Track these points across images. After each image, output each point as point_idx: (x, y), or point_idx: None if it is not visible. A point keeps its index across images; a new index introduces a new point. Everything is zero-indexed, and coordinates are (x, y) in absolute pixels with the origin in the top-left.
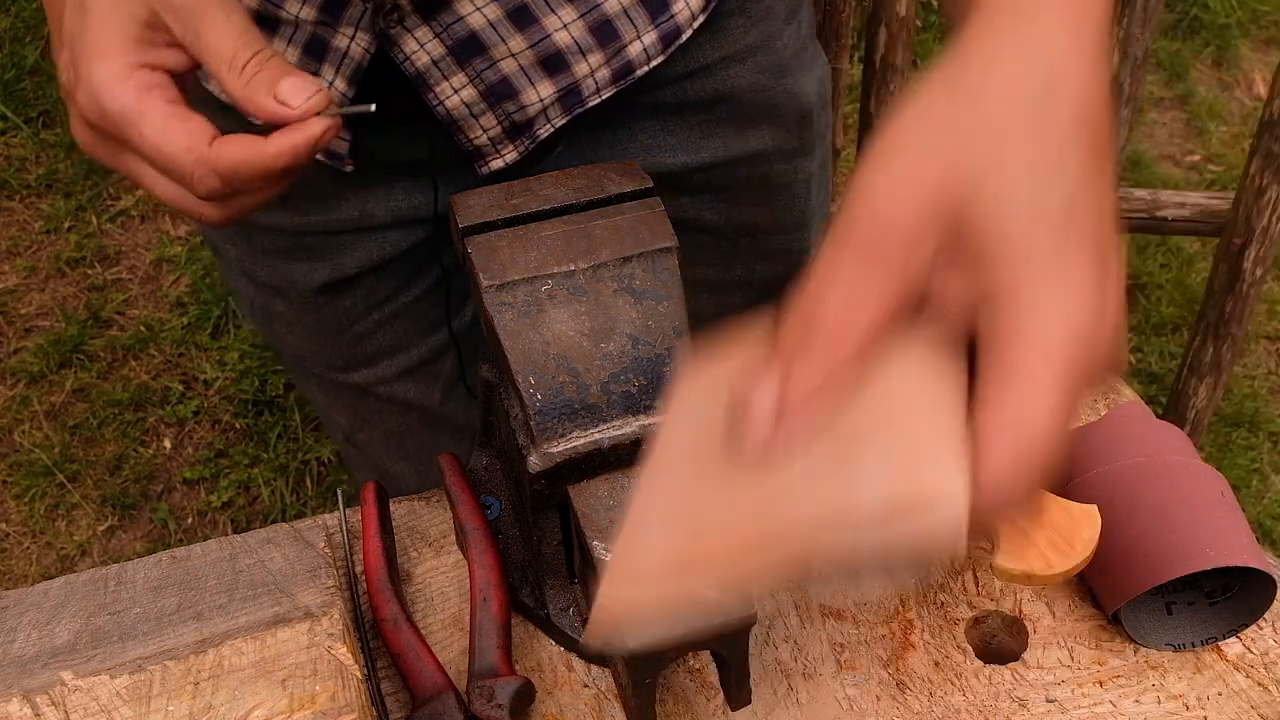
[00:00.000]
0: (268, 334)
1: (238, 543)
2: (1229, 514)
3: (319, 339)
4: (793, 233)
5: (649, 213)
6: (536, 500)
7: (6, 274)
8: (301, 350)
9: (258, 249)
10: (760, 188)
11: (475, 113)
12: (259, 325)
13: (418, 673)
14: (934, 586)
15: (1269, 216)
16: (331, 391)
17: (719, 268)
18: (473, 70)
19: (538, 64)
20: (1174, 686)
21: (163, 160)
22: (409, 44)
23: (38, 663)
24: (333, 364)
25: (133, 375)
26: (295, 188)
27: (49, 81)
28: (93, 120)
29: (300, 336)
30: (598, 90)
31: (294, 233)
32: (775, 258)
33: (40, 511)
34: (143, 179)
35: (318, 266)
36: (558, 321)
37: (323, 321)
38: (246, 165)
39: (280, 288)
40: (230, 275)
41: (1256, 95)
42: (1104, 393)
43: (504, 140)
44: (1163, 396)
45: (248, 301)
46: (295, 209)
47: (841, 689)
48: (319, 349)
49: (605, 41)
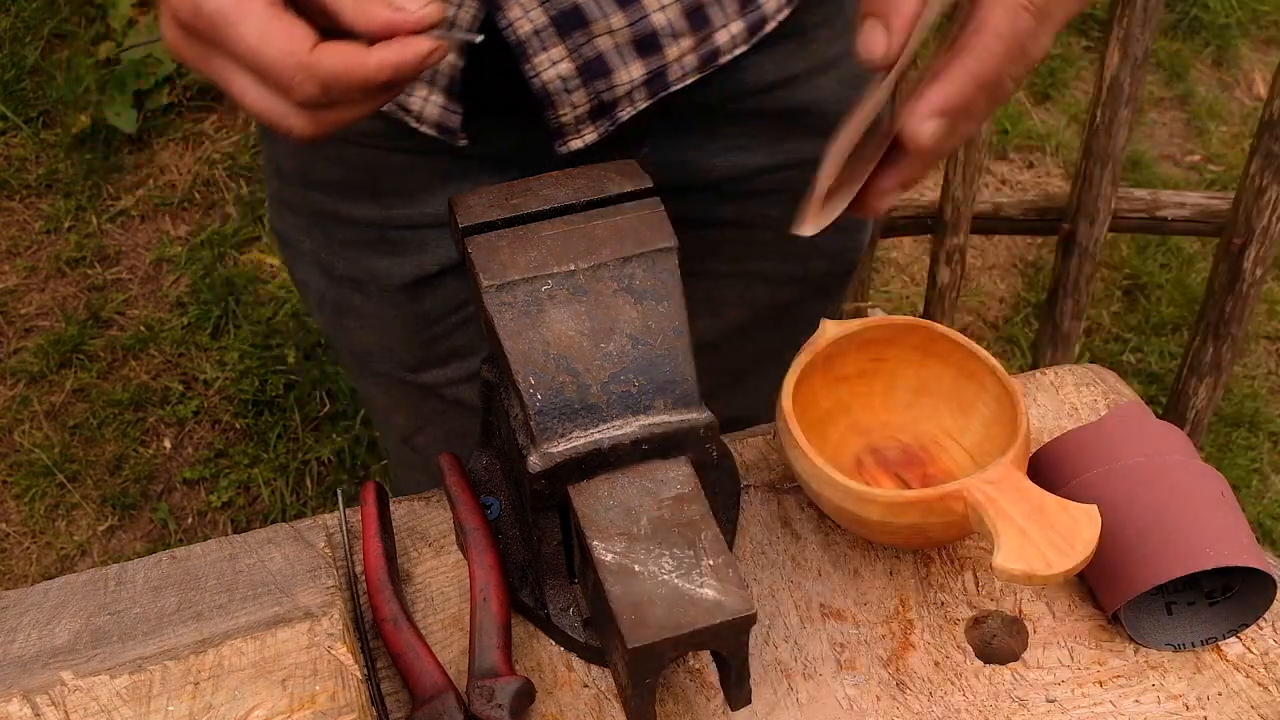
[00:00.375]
0: (335, 330)
1: (238, 543)
2: (1229, 514)
3: (393, 336)
4: (849, 233)
5: (649, 213)
6: (536, 500)
7: (6, 274)
8: (370, 348)
9: (337, 241)
10: None
11: (569, 88)
12: (325, 321)
13: (418, 673)
14: (934, 586)
15: (1269, 216)
16: (394, 392)
17: (776, 261)
18: (572, 44)
19: (632, 44)
20: (1174, 686)
21: (260, 63)
22: (514, 10)
23: (38, 663)
24: (403, 362)
25: (133, 375)
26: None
27: (49, 81)
28: (186, 19)
29: (372, 333)
30: (683, 75)
31: (379, 225)
32: (830, 256)
33: (40, 511)
34: (231, 84)
35: (400, 262)
36: (558, 321)
37: (401, 319)
38: (348, 74)
39: (360, 281)
40: (299, 267)
41: (1256, 95)
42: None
43: (586, 120)
44: (1163, 396)
45: (317, 296)
46: (382, 202)
47: (841, 689)
48: (391, 347)
49: (697, 27)
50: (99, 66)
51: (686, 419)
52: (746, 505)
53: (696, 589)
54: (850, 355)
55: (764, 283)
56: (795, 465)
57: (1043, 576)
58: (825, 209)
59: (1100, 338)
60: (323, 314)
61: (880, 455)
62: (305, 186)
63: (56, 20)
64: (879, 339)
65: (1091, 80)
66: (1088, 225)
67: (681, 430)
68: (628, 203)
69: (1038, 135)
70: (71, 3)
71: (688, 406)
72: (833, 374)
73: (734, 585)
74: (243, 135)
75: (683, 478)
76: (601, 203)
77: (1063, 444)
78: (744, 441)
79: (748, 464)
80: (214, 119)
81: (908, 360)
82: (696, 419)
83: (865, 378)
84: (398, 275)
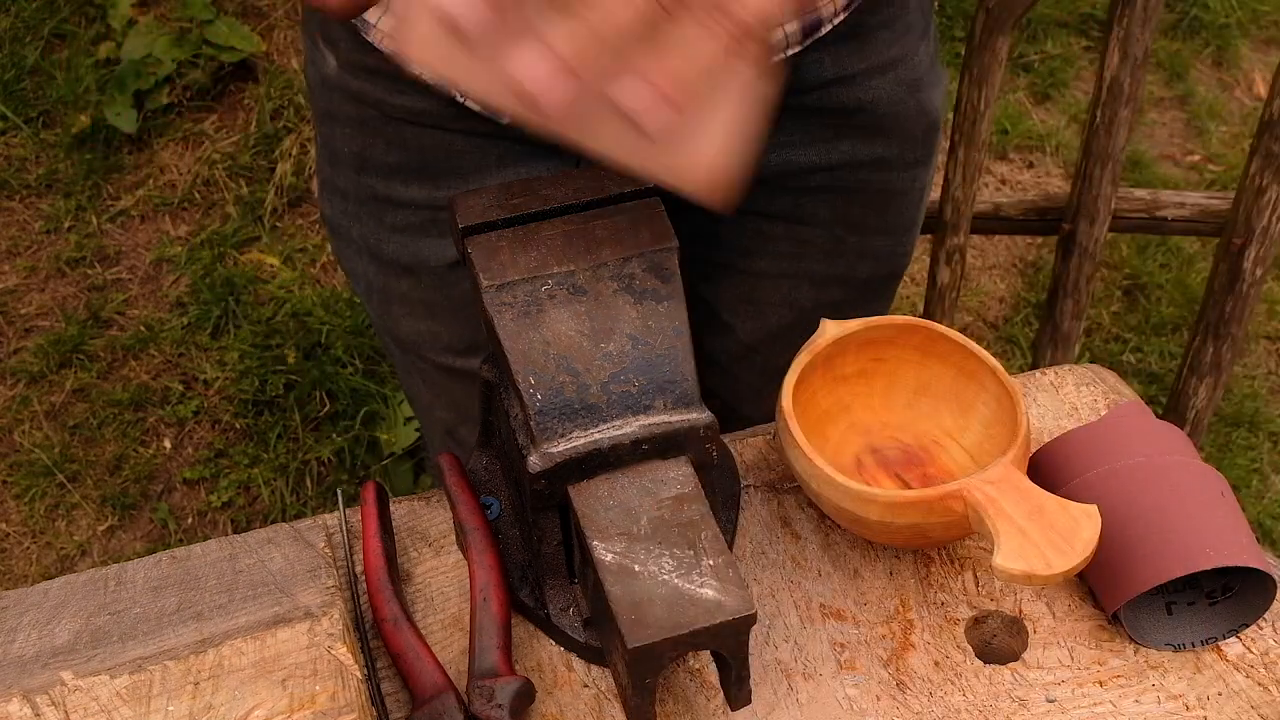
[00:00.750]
0: (383, 317)
1: (238, 543)
2: (1229, 514)
3: (442, 319)
4: (898, 236)
5: (649, 213)
6: (536, 500)
7: (6, 274)
8: (419, 333)
9: (388, 226)
10: (878, 192)
11: None
12: (374, 308)
13: (418, 673)
14: (934, 586)
15: (1269, 216)
16: (438, 384)
17: (823, 262)
18: None
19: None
20: (1174, 686)
21: None
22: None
23: (38, 663)
24: (451, 345)
25: (133, 375)
26: (439, 162)
27: (49, 81)
28: None
29: (421, 318)
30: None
31: (430, 207)
32: (877, 258)
33: (40, 511)
34: None
35: (448, 243)
36: (558, 321)
37: (450, 300)
38: None
39: (410, 266)
40: (348, 256)
41: (1256, 95)
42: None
43: None
44: (1163, 396)
45: (365, 283)
46: (435, 183)
47: (841, 689)
48: (439, 330)
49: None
50: (99, 66)
51: (686, 419)
52: (746, 505)
53: (696, 589)
54: (850, 355)
55: (810, 284)
56: (795, 465)
57: (1043, 576)
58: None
59: (1100, 338)
60: (371, 302)
61: (880, 455)
62: (359, 171)
63: (56, 20)
64: (879, 339)
65: (1091, 80)
66: (1088, 225)
67: (681, 430)
68: (628, 202)
69: (1037, 135)
70: (71, 3)
71: (688, 406)
72: (833, 374)
73: (734, 585)
74: (243, 135)
75: (683, 478)
76: (602, 202)
77: (1063, 444)
78: (744, 441)
79: (748, 464)
80: (214, 119)
81: (908, 360)
82: (696, 419)
83: (865, 378)
84: (449, 255)
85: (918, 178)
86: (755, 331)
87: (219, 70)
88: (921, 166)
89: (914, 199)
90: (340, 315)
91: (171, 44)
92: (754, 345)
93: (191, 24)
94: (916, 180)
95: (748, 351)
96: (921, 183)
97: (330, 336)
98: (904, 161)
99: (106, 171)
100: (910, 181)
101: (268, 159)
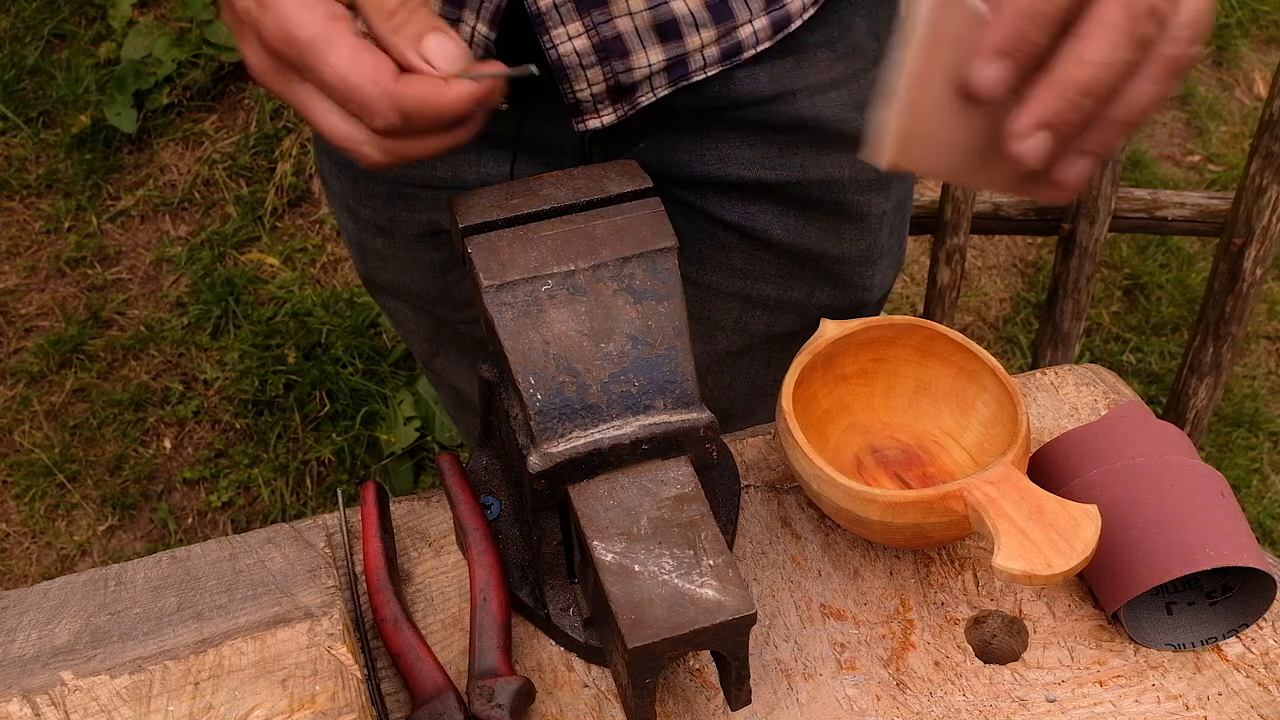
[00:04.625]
0: (362, 266)
1: (238, 543)
2: (1229, 514)
3: (412, 277)
4: (857, 266)
5: (649, 213)
6: (536, 500)
7: (6, 274)
8: (394, 283)
9: (362, 191)
10: (832, 214)
11: (585, 64)
12: (355, 257)
13: (418, 673)
14: (934, 586)
15: (1269, 216)
16: (415, 317)
17: (778, 287)
18: (590, 21)
19: (652, 28)
20: (1174, 686)
21: (347, 90)
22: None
23: (38, 663)
24: (422, 298)
25: (133, 375)
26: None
27: (49, 81)
28: (277, 46)
29: (394, 273)
30: (704, 66)
31: (393, 182)
32: (835, 287)
33: (40, 511)
34: (311, 109)
35: (415, 214)
36: (558, 321)
37: (419, 264)
38: (428, 105)
39: (384, 227)
40: (335, 208)
41: (1256, 95)
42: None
43: (605, 100)
44: (1163, 396)
45: (347, 235)
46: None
47: (841, 689)
48: (410, 285)
49: (720, 19)
50: (99, 66)
51: (686, 419)
52: (746, 505)
53: (696, 589)
54: (850, 355)
55: (763, 309)
56: (795, 465)
57: (1043, 576)
58: (914, 137)
59: (1100, 338)
60: (352, 251)
61: (880, 455)
62: None
63: (56, 20)
64: (879, 339)
65: None
66: (1088, 225)
67: (681, 430)
68: (628, 202)
69: None
70: (71, 3)
71: (688, 406)
72: (833, 374)
73: (734, 585)
74: (243, 135)
75: (683, 478)
76: (602, 202)
77: (1063, 444)
78: (744, 441)
79: (748, 464)
80: (214, 119)
81: (908, 360)
82: (696, 419)
83: (865, 378)
84: (415, 225)
85: (874, 203)
86: (702, 354)
87: (219, 70)
88: (878, 191)
89: (871, 225)
90: (340, 315)
91: (171, 44)
92: (698, 369)
93: (191, 24)
94: (873, 205)
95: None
96: (880, 209)
97: (330, 336)
98: (857, 183)
99: (106, 171)
100: (866, 206)
101: (268, 159)
